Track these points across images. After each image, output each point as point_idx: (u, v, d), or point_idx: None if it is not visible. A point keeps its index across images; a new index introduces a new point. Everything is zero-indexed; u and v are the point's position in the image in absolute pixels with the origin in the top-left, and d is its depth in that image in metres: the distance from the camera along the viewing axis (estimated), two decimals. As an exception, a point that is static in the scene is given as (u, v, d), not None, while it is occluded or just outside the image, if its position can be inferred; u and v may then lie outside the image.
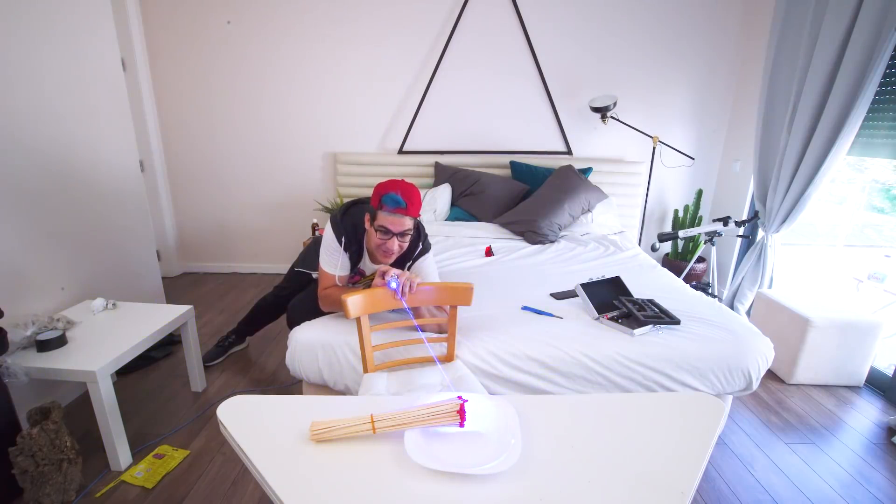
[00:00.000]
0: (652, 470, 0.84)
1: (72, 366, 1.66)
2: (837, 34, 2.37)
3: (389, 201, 1.55)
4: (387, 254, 1.66)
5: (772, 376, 2.50)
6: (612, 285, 2.03)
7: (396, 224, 1.59)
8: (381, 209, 1.58)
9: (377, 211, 1.60)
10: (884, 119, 2.41)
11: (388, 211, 1.57)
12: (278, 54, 3.38)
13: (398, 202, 1.55)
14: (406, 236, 1.65)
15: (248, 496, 1.65)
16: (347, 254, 1.76)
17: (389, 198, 1.55)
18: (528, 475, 0.83)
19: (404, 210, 1.57)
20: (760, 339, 1.77)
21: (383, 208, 1.57)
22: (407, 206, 1.57)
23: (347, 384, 1.73)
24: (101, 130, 2.37)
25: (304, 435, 0.90)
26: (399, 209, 1.56)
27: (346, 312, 1.39)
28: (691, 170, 3.62)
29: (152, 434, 1.95)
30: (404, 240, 1.65)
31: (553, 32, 3.32)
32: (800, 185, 2.64)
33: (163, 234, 3.65)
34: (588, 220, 3.14)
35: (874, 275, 2.79)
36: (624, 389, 1.69)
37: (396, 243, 1.63)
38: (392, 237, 1.62)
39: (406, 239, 1.66)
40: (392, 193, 1.55)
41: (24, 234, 1.93)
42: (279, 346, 2.69)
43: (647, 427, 0.97)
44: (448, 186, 3.29)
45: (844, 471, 1.85)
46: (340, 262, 1.75)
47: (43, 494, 1.52)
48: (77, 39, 2.21)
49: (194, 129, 3.56)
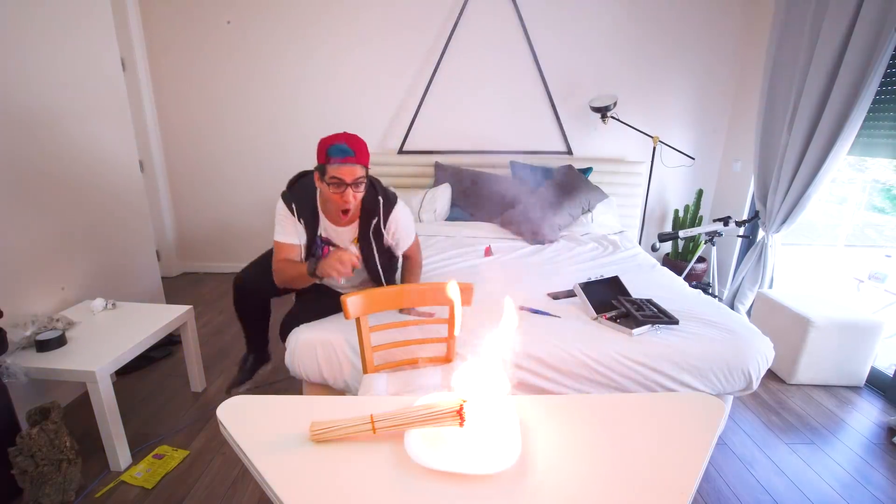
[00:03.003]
0: (652, 470, 0.84)
1: (71, 366, 1.66)
2: (838, 34, 2.36)
3: (336, 151, 1.53)
4: (344, 208, 1.63)
5: (772, 376, 2.50)
6: (610, 285, 2.03)
7: (347, 173, 1.55)
8: (329, 162, 1.55)
9: (325, 165, 1.56)
10: (884, 119, 2.41)
11: (336, 162, 1.54)
12: (278, 54, 3.38)
13: (345, 150, 1.53)
14: (360, 185, 1.60)
15: (248, 497, 1.65)
16: (302, 222, 1.72)
17: (336, 148, 1.53)
18: (527, 475, 0.82)
19: (353, 158, 1.54)
20: (761, 338, 1.77)
21: (331, 160, 1.54)
22: (355, 154, 1.55)
23: (347, 381, 1.74)
24: (101, 130, 2.37)
25: (303, 435, 0.89)
26: (348, 158, 1.54)
27: (345, 313, 1.39)
28: (692, 169, 3.62)
29: (152, 434, 1.95)
30: (359, 189, 1.61)
31: (553, 32, 3.31)
32: (800, 184, 2.64)
33: (162, 233, 3.65)
34: (588, 220, 3.14)
35: (875, 275, 2.79)
36: (625, 389, 1.69)
37: (351, 194, 1.59)
38: (346, 188, 1.57)
39: (360, 188, 1.61)
40: (337, 143, 1.53)
41: (23, 234, 1.92)
42: (279, 346, 2.68)
43: (646, 427, 0.96)
44: (448, 186, 3.29)
45: (845, 471, 1.85)
46: (294, 230, 1.72)
47: (42, 495, 1.51)
48: (76, 39, 2.21)
49: (194, 129, 3.55)
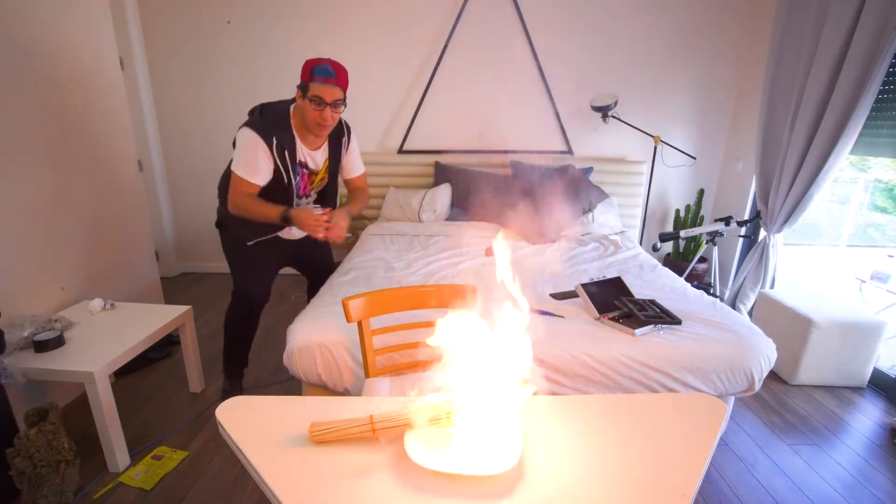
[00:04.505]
0: (653, 470, 0.84)
1: (69, 367, 1.65)
2: (840, 32, 2.35)
3: (321, 72, 1.65)
4: (322, 125, 1.74)
5: (774, 377, 2.49)
6: (612, 285, 2.02)
7: (328, 93, 1.67)
8: (313, 80, 1.66)
9: (308, 83, 1.67)
10: (887, 118, 2.40)
11: (320, 81, 1.66)
12: (278, 54, 3.37)
13: (328, 72, 1.66)
14: (339, 107, 1.73)
15: (248, 497, 1.64)
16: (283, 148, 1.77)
17: (321, 69, 1.65)
18: (528, 475, 0.82)
19: (335, 80, 1.67)
20: (763, 339, 1.76)
21: (315, 79, 1.66)
22: (337, 77, 1.68)
23: (347, 387, 1.72)
24: (100, 130, 2.36)
25: (303, 436, 0.89)
26: (330, 79, 1.66)
27: (346, 316, 1.37)
28: (693, 169, 3.61)
29: (151, 435, 1.94)
30: (337, 110, 1.73)
31: (554, 31, 3.30)
32: (802, 184, 2.63)
33: (161, 234, 3.64)
34: (589, 220, 3.13)
35: (877, 275, 2.78)
36: (626, 389, 1.68)
37: (330, 112, 1.71)
38: (326, 107, 1.69)
39: (339, 110, 1.74)
40: (322, 65, 1.65)
41: (22, 234, 1.92)
42: (278, 346, 2.68)
43: (648, 427, 0.96)
44: (448, 186, 3.28)
45: (847, 472, 1.84)
46: (265, 166, 1.77)
47: (40, 496, 1.51)
48: (75, 38, 2.20)
49: (193, 128, 3.54)
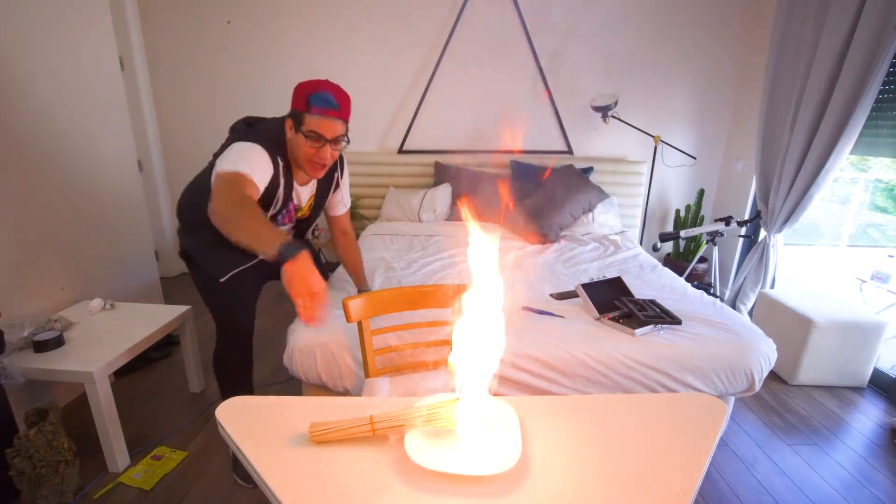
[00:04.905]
0: (653, 470, 0.84)
1: (69, 367, 1.65)
2: (840, 32, 2.35)
3: (320, 101, 1.32)
4: (318, 166, 1.44)
5: (774, 377, 2.49)
6: (612, 286, 2.02)
7: (328, 128, 1.36)
8: (310, 111, 1.34)
9: (303, 114, 1.35)
10: (887, 118, 2.40)
11: (318, 113, 1.34)
12: (278, 54, 3.37)
13: (330, 102, 1.33)
14: (339, 143, 1.42)
15: (247, 498, 1.64)
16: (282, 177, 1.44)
17: (319, 97, 1.32)
18: (528, 476, 0.82)
19: (337, 112, 1.36)
20: (763, 339, 1.76)
21: (312, 110, 1.33)
22: (339, 108, 1.36)
23: (347, 388, 1.72)
24: (99, 130, 2.36)
25: (302, 436, 0.89)
26: (331, 111, 1.34)
27: (346, 316, 1.37)
28: (693, 169, 3.61)
29: (150, 435, 1.94)
30: (337, 147, 1.43)
31: (554, 31, 3.30)
32: (802, 184, 2.63)
33: (161, 234, 3.64)
34: (589, 220, 3.13)
35: (877, 275, 2.78)
36: (626, 389, 1.68)
37: (329, 150, 1.40)
38: (325, 144, 1.38)
39: (339, 147, 1.43)
40: (322, 92, 1.32)
41: (22, 234, 1.91)
42: (278, 346, 2.68)
43: (648, 427, 0.95)
44: (448, 186, 3.28)
45: (847, 472, 1.84)
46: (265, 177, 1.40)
47: (40, 496, 1.51)
48: (74, 38, 2.20)
49: (193, 128, 3.54)
